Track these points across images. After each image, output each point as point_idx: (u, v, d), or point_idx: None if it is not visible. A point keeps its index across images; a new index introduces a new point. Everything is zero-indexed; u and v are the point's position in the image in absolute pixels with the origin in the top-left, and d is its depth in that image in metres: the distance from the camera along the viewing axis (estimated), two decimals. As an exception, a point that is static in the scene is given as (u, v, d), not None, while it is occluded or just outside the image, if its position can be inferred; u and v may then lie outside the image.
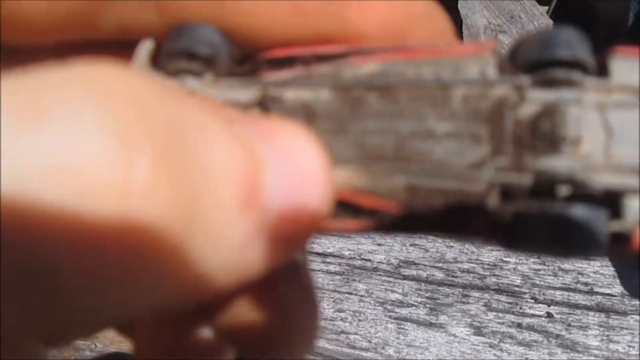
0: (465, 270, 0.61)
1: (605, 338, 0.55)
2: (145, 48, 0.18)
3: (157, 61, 0.18)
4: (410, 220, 0.15)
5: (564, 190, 0.14)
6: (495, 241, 0.15)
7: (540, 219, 0.14)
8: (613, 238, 0.14)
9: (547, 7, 0.95)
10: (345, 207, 0.15)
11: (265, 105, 0.17)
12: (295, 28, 0.18)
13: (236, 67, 0.18)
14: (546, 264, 0.61)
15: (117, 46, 0.18)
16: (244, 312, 0.16)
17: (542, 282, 0.59)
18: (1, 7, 0.16)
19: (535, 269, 0.60)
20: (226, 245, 0.11)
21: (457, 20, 0.95)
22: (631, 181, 0.14)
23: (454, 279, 0.61)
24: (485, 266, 0.61)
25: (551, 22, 0.86)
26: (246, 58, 0.18)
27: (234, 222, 0.11)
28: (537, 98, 0.15)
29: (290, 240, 0.13)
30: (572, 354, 0.54)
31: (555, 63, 0.15)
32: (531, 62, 0.15)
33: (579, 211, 0.14)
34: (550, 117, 0.15)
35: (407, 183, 0.15)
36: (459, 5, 0.98)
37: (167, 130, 0.11)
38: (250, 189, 0.12)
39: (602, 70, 0.16)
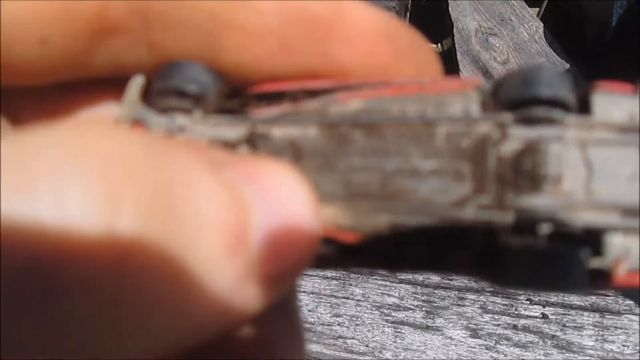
0: (461, 272, 0.62)
1: (600, 338, 0.55)
2: (135, 84, 0.18)
3: (148, 98, 0.18)
4: (394, 257, 0.16)
5: (545, 228, 0.14)
6: (478, 277, 0.15)
7: (522, 256, 0.14)
8: (594, 275, 0.14)
9: (537, 9, 0.95)
10: (329, 242, 0.16)
11: (253, 142, 0.17)
12: (282, 64, 0.18)
13: (225, 103, 0.19)
14: (540, 265, 0.61)
15: (112, 83, 0.18)
16: (232, 348, 0.16)
17: (536, 284, 0.59)
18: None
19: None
20: (217, 290, 0.12)
21: (448, 24, 0.96)
22: (612, 219, 0.15)
23: (450, 281, 0.62)
24: (481, 268, 0.62)
25: (541, 24, 0.86)
26: (235, 92, 0.18)
27: (223, 268, 0.12)
28: (519, 135, 0.15)
29: (280, 279, 0.13)
30: (567, 354, 0.55)
31: (536, 101, 0.15)
32: (513, 100, 0.16)
33: (560, 250, 0.14)
34: (532, 155, 0.15)
35: (391, 221, 0.15)
36: (449, 9, 0.98)
37: (154, 187, 0.11)
38: (237, 234, 0.12)
39: (584, 106, 0.16)
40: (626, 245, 0.14)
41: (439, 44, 1.03)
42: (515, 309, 0.58)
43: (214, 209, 0.12)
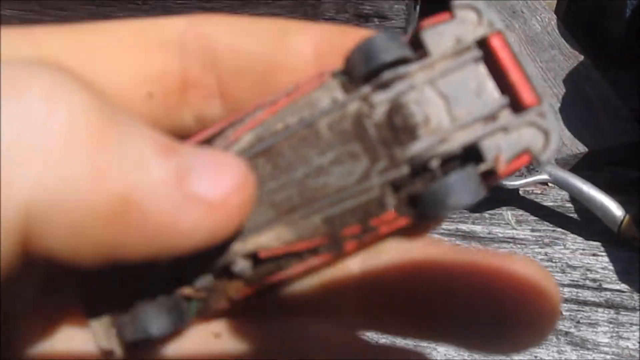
0: (472, 268, 0.61)
1: (615, 335, 0.54)
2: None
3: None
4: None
5: (434, 164, 0.17)
6: (409, 219, 0.17)
7: (430, 192, 0.17)
8: (485, 177, 0.17)
9: (549, 1, 0.94)
10: (289, 257, 0.18)
11: None
12: None
13: None
14: (553, 260, 0.60)
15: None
16: None
17: (550, 280, 0.58)
18: None
19: (542, 267, 0.59)
20: (162, 207, 0.14)
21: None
22: (477, 130, 0.17)
23: (461, 277, 0.61)
24: (493, 264, 0.61)
25: (554, 16, 0.85)
26: None
27: (153, 164, 0.15)
28: (381, 100, 0.18)
29: (219, 205, 0.15)
30: (581, 352, 0.54)
31: (382, 67, 0.17)
32: (364, 74, 0.18)
33: (453, 178, 0.17)
34: (398, 111, 0.17)
35: (323, 218, 0.18)
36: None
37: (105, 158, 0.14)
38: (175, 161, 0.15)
39: (419, 46, 0.18)
40: (496, 143, 0.17)
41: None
42: (528, 306, 0.57)
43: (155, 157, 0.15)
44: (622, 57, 0.78)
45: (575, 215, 0.64)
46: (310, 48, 0.21)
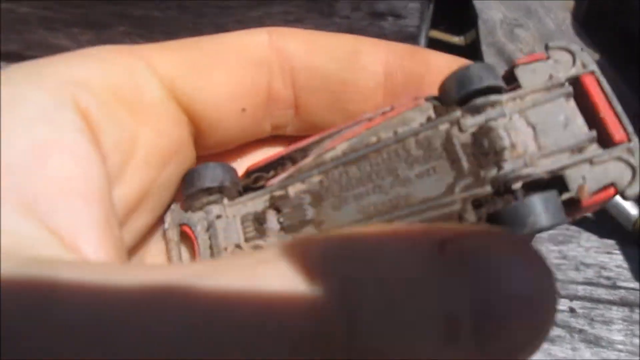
0: (486, 266, 0.61)
1: (629, 333, 0.54)
2: (175, 209, 0.23)
3: (184, 205, 0.23)
4: None
5: (517, 186, 0.18)
6: None
7: (509, 214, 0.17)
8: (567, 205, 0.18)
9: (563, 1, 0.94)
10: None
11: (276, 206, 0.21)
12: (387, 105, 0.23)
13: (242, 185, 0.23)
14: (567, 258, 0.60)
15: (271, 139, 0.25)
16: None
17: (564, 277, 0.58)
18: (207, 137, 0.23)
19: (556, 264, 0.59)
20: None
21: (472, 16, 0.94)
22: (563, 159, 0.18)
23: (475, 275, 0.61)
24: (506, 262, 0.61)
25: (569, 15, 0.85)
26: (247, 175, 0.23)
27: None
28: (471, 124, 0.19)
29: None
30: (595, 349, 0.54)
31: (475, 94, 0.19)
32: (456, 99, 0.19)
33: (534, 198, 0.17)
34: (486, 135, 0.18)
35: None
36: (474, 0, 0.97)
37: None
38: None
39: (513, 81, 0.19)
40: (582, 174, 0.18)
41: (463, 36, 1.02)
42: (542, 303, 0.57)
43: None
44: (638, 55, 0.77)
45: (589, 214, 0.64)
46: (381, 68, 0.22)
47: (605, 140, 0.18)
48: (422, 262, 0.13)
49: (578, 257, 0.60)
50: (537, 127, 0.18)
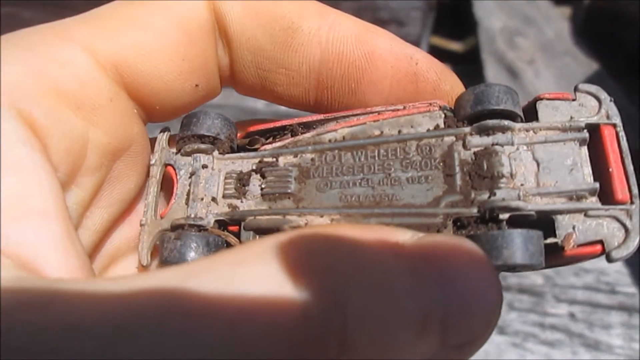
0: (487, 270, 0.62)
1: (628, 337, 0.55)
2: (165, 135, 0.23)
3: (175, 144, 0.23)
4: None
5: (504, 217, 0.17)
6: None
7: (488, 240, 0.17)
8: (549, 250, 0.17)
9: (563, 8, 0.95)
10: None
11: (262, 171, 0.21)
12: (322, 99, 0.23)
13: (236, 142, 0.23)
14: (567, 264, 0.61)
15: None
16: None
17: (563, 282, 0.59)
18: (160, 116, 0.23)
19: (556, 269, 0.60)
20: None
21: (472, 23, 0.95)
22: (559, 203, 0.17)
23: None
24: (507, 266, 0.62)
25: (567, 23, 0.86)
26: (246, 133, 0.23)
27: None
28: (476, 143, 0.19)
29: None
30: (595, 353, 0.54)
31: (489, 115, 0.19)
32: (469, 115, 0.19)
33: (515, 233, 0.17)
34: (488, 157, 0.18)
35: (380, 223, 0.19)
36: (473, 8, 0.98)
37: None
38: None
39: (533, 114, 0.19)
40: (573, 224, 0.17)
41: (462, 43, 1.03)
42: (542, 307, 0.58)
43: None
44: (637, 65, 0.78)
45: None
46: (318, 51, 0.22)
47: (607, 195, 0.17)
48: (405, 270, 0.15)
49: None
50: (541, 164, 0.18)
